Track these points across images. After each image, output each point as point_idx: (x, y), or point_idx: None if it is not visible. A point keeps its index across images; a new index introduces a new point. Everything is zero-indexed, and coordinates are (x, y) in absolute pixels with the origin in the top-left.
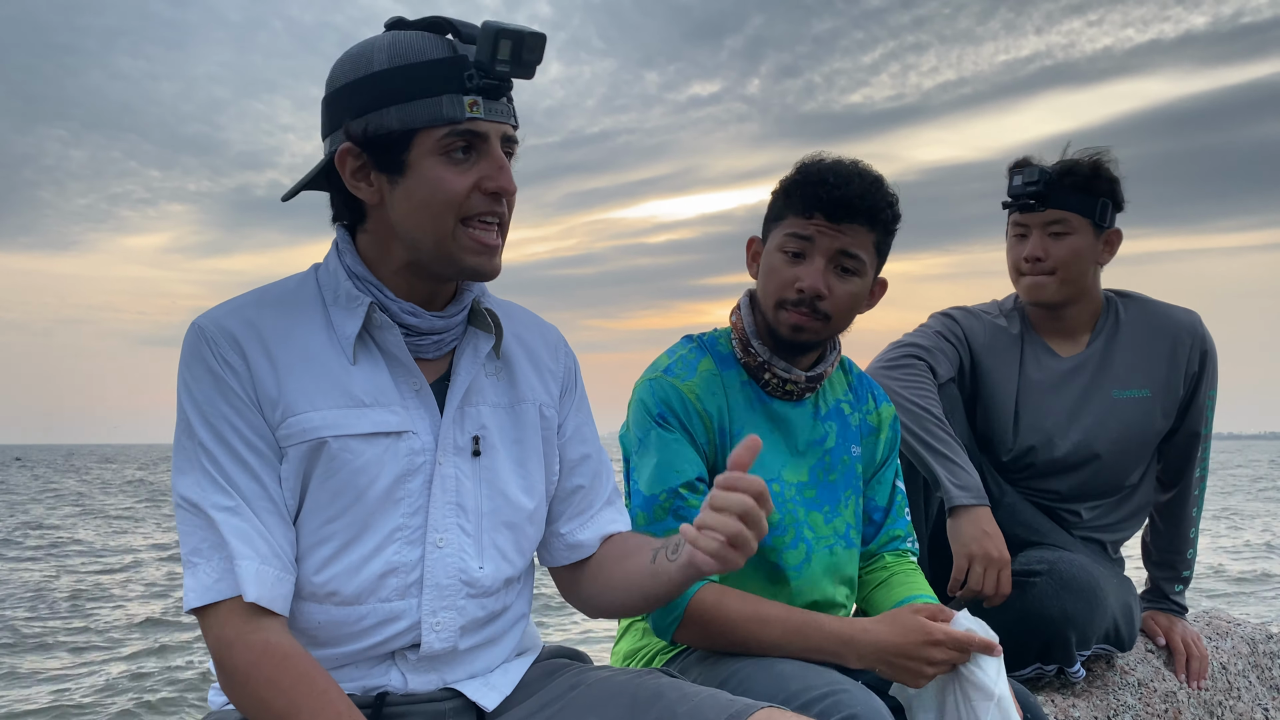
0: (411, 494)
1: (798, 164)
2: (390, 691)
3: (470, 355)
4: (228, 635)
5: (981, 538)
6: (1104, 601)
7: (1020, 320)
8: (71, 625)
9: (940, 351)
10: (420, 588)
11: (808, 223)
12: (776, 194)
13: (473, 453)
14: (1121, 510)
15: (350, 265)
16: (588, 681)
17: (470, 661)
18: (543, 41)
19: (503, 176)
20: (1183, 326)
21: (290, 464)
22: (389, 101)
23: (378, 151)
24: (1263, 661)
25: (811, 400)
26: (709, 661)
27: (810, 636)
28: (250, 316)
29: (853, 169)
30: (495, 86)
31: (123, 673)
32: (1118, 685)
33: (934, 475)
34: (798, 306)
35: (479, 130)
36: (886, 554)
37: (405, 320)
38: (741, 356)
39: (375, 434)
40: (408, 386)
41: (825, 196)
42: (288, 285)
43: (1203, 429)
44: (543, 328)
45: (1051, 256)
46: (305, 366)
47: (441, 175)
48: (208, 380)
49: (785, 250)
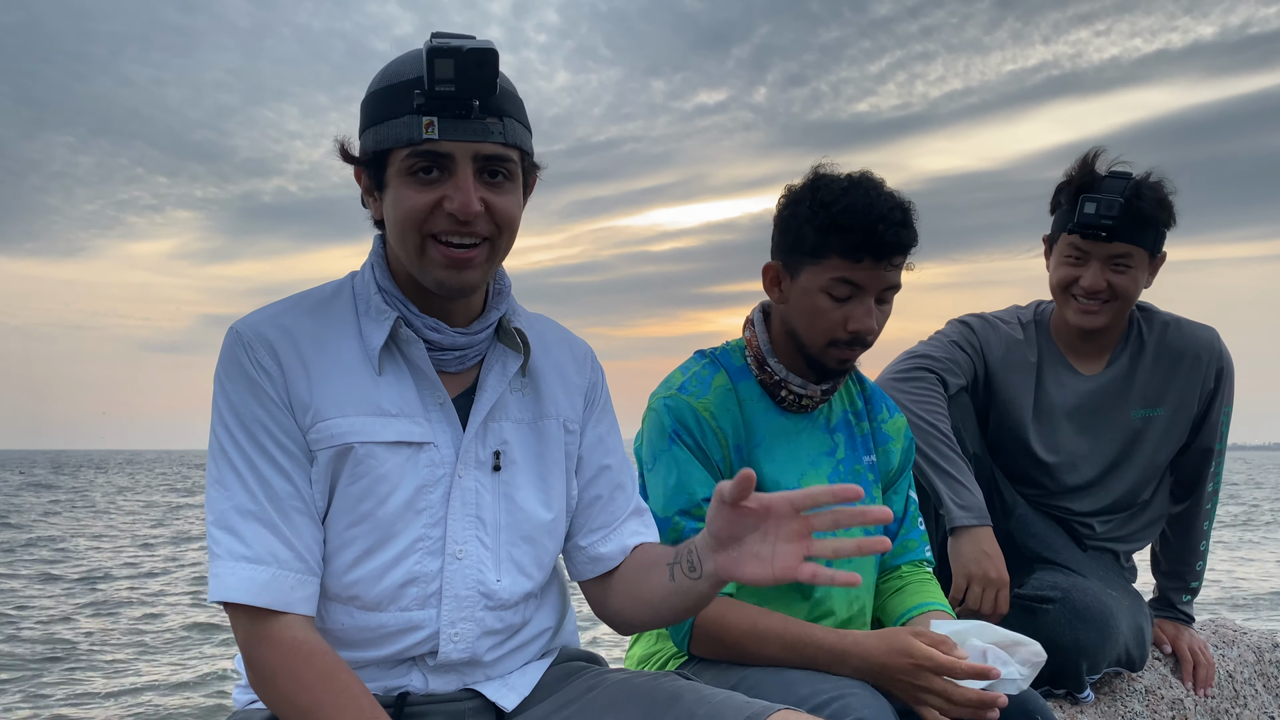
0: (432, 505)
1: (826, 199)
2: (411, 692)
3: (498, 372)
4: (255, 631)
5: (981, 558)
6: (1116, 631)
7: (1042, 334)
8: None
9: (953, 362)
10: (440, 598)
11: (857, 268)
12: (807, 229)
13: (494, 467)
14: (1134, 524)
15: (379, 278)
16: (605, 684)
17: (489, 668)
18: (488, 56)
19: (460, 197)
20: (1202, 344)
21: (319, 467)
22: (371, 122)
23: (371, 170)
24: (1269, 670)
25: (820, 412)
26: (720, 666)
27: (805, 651)
28: (286, 323)
29: (890, 204)
30: (452, 105)
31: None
32: (1125, 692)
33: (937, 493)
34: (850, 346)
35: (441, 150)
36: (903, 564)
37: (428, 335)
38: (757, 373)
39: (399, 443)
40: (432, 399)
41: (876, 242)
42: (324, 292)
43: (1216, 444)
44: (572, 343)
45: (1112, 289)
46: (336, 374)
47: (404, 194)
48: (244, 384)
49: (833, 294)
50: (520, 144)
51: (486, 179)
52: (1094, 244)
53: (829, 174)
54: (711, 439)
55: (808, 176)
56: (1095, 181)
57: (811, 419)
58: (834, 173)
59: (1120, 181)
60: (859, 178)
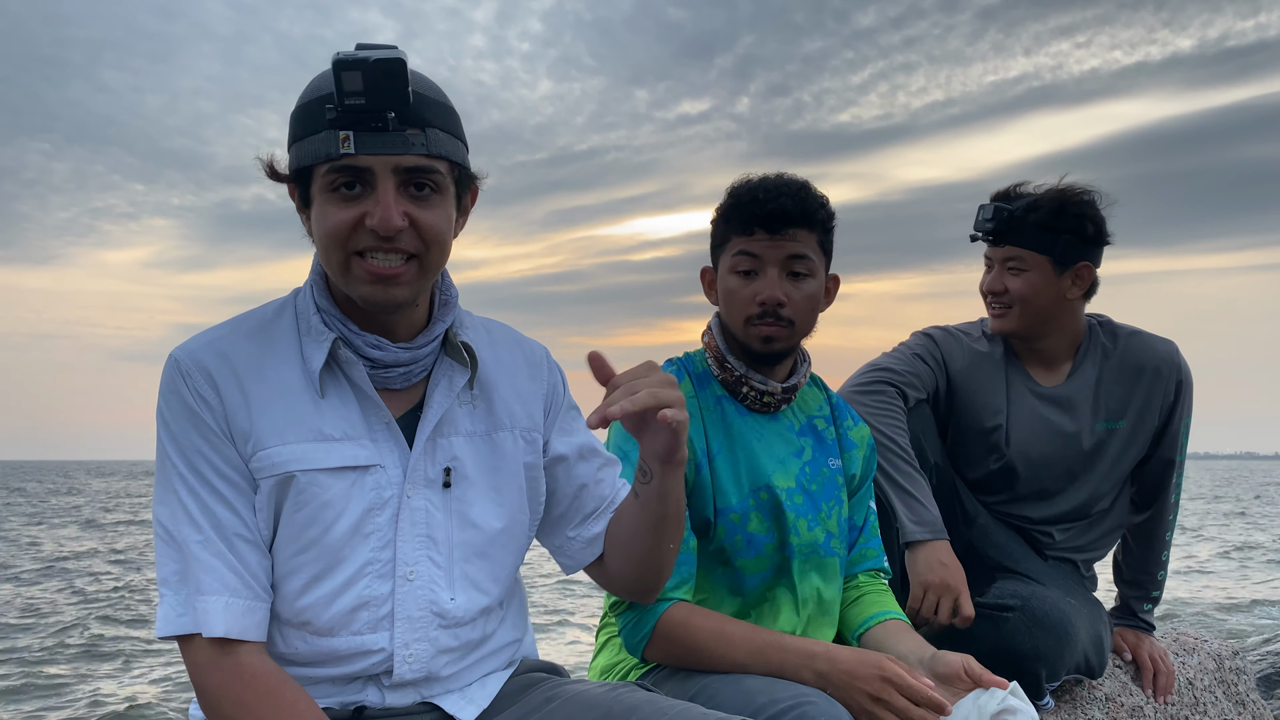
0: (380, 528)
1: (729, 190)
2: (367, 706)
3: (444, 388)
4: (200, 660)
5: (937, 567)
6: (1075, 638)
7: (1002, 345)
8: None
9: (914, 374)
10: (392, 620)
11: (751, 240)
12: (716, 222)
13: (444, 484)
14: (1093, 532)
15: (318, 298)
16: (564, 695)
17: (447, 682)
18: (396, 66)
19: (380, 212)
20: (1161, 358)
21: (262, 495)
22: (295, 139)
23: (299, 187)
24: (1229, 677)
25: (787, 414)
26: (679, 676)
27: (771, 656)
28: (224, 349)
29: (779, 181)
30: (368, 118)
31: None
32: (1085, 700)
33: (893, 508)
34: (763, 319)
35: (360, 165)
36: (860, 574)
37: (369, 354)
38: (719, 373)
39: (342, 468)
40: (377, 420)
41: (761, 211)
42: (265, 314)
43: (1177, 456)
44: (525, 346)
45: (1009, 291)
46: (276, 400)
47: (326, 210)
48: (183, 414)
49: (737, 271)
50: (446, 154)
51: (412, 192)
52: (993, 250)
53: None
54: None
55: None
56: (1005, 195)
57: (778, 420)
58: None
59: (1024, 196)
60: (769, 174)
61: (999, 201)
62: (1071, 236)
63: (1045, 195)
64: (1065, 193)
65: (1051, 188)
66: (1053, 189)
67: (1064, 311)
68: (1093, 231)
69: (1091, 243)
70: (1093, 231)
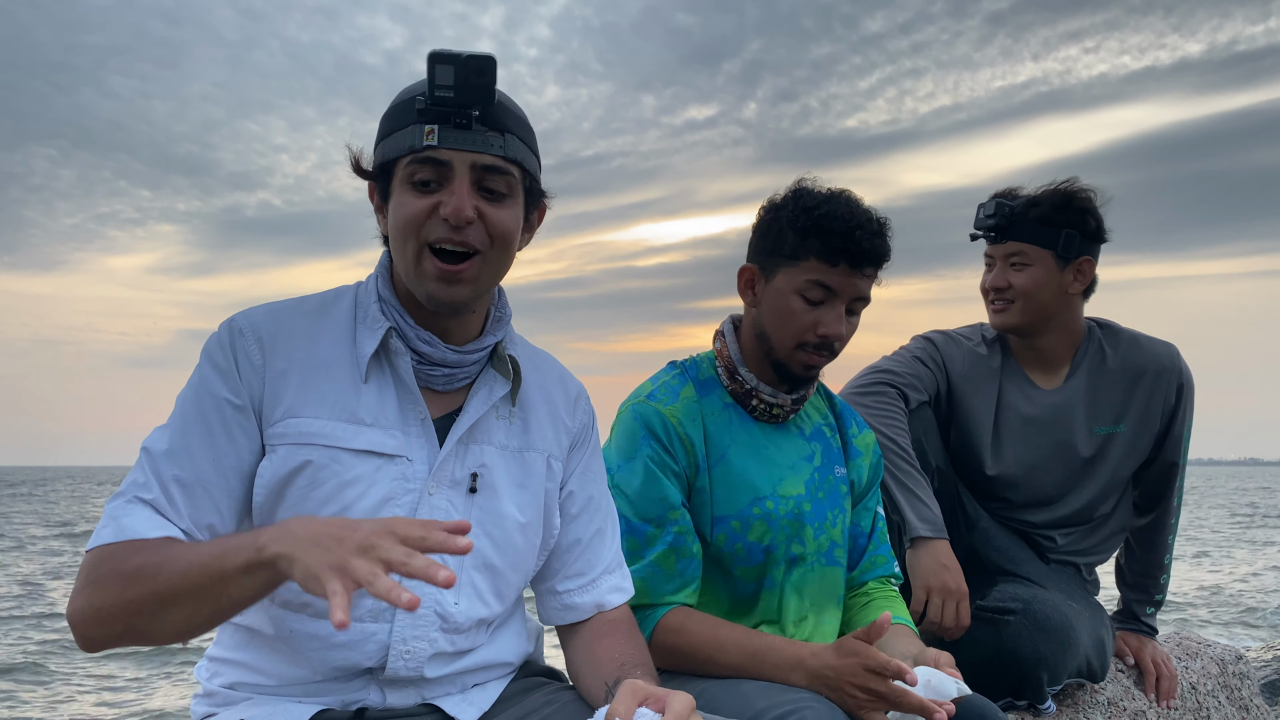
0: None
1: (806, 206)
2: (369, 706)
3: (484, 395)
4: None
5: (940, 570)
6: (1076, 642)
7: (1001, 349)
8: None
9: (915, 376)
10: (394, 612)
11: (832, 271)
12: (785, 232)
13: (470, 489)
14: (1095, 536)
15: (380, 289)
16: (562, 699)
17: (442, 686)
18: (488, 64)
19: (455, 201)
20: (1162, 361)
21: (273, 462)
22: (382, 136)
23: (380, 183)
24: (1232, 682)
25: (794, 422)
26: (678, 681)
27: (764, 661)
28: (283, 319)
29: (867, 214)
30: (452, 113)
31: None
32: (1088, 704)
33: (896, 506)
34: (818, 350)
35: (440, 158)
36: (870, 580)
37: (419, 347)
38: (728, 384)
39: (368, 452)
40: (412, 414)
41: (855, 249)
42: (326, 296)
43: (1179, 459)
44: (566, 381)
45: (1013, 286)
46: (319, 375)
47: (403, 200)
48: (220, 360)
49: (806, 296)
50: (521, 160)
51: (485, 192)
52: (994, 247)
53: (812, 186)
54: (678, 445)
55: (791, 187)
56: (1003, 196)
57: (786, 428)
58: (816, 186)
59: (1022, 196)
60: (840, 191)
61: (983, 205)
62: (1073, 231)
63: (1046, 191)
64: (1066, 188)
65: (1052, 184)
66: (1053, 185)
67: (1065, 308)
68: (1094, 226)
69: (1092, 238)
70: (1094, 226)
